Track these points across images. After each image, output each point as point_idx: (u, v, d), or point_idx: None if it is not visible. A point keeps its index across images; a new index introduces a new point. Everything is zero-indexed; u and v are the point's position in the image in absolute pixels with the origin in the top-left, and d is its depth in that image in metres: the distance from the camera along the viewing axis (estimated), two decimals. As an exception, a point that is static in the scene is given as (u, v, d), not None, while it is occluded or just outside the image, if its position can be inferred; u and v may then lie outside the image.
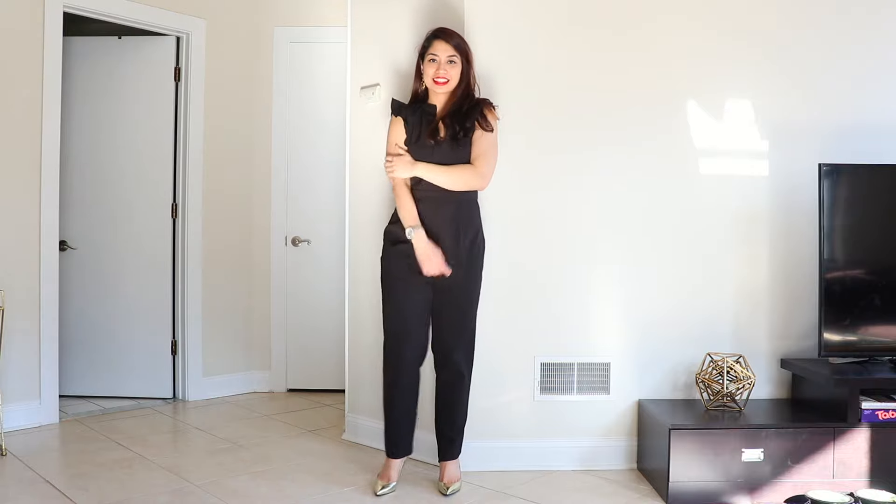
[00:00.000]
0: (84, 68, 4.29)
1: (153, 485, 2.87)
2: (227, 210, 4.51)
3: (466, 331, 2.88)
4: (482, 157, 2.79)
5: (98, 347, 4.32)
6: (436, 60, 2.79)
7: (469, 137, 2.80)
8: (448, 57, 2.79)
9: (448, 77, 2.79)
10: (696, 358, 3.13)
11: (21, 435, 3.53)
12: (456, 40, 2.82)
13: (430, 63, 2.80)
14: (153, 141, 4.33)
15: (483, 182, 2.81)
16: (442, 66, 2.78)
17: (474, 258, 2.86)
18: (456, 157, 2.79)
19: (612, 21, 3.13)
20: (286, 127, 4.60)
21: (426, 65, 2.82)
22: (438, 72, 2.78)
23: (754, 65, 3.17)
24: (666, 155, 3.14)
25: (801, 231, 3.16)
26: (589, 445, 3.13)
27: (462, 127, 2.79)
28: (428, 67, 2.81)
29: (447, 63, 2.79)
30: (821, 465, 2.77)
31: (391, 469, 2.88)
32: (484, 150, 2.80)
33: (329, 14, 4.50)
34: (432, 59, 2.80)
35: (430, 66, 2.80)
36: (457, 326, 2.85)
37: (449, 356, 2.87)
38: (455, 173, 2.77)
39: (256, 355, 4.62)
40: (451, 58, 2.80)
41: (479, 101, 2.85)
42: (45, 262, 3.77)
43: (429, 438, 3.13)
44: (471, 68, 2.86)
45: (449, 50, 2.79)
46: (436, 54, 2.79)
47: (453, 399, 2.88)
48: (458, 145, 2.79)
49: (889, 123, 3.19)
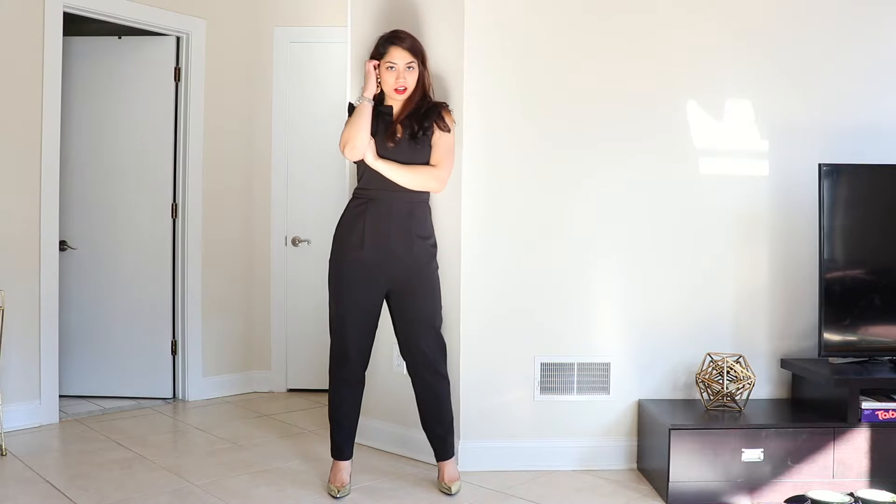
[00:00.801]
0: (84, 68, 4.29)
1: (153, 485, 2.87)
2: (227, 210, 4.51)
3: (432, 328, 2.86)
4: (443, 161, 2.82)
5: (98, 347, 4.32)
6: (394, 68, 2.78)
7: (427, 137, 2.81)
8: (406, 63, 2.79)
9: (406, 85, 2.80)
10: (696, 358, 3.13)
11: (21, 435, 3.53)
12: (410, 43, 2.81)
13: (388, 71, 2.78)
14: (153, 141, 4.33)
15: (441, 186, 2.83)
16: (401, 75, 2.78)
17: (430, 257, 2.87)
18: (414, 158, 2.80)
19: (613, 21, 3.13)
20: (286, 127, 4.60)
21: (384, 72, 2.79)
22: (398, 81, 2.78)
23: (754, 65, 3.17)
24: (666, 155, 3.14)
25: (801, 231, 3.16)
26: (589, 445, 3.13)
27: (420, 126, 2.80)
28: (387, 75, 2.78)
29: (405, 70, 2.79)
30: (821, 465, 2.77)
31: (342, 471, 2.87)
32: (443, 154, 2.82)
33: (329, 14, 4.50)
34: (390, 67, 2.78)
35: (389, 73, 2.78)
36: (423, 326, 2.83)
37: (418, 355, 2.84)
38: (415, 173, 2.78)
39: (256, 355, 4.62)
40: (410, 64, 2.79)
41: (437, 103, 2.87)
42: (45, 262, 3.77)
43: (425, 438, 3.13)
44: (426, 70, 2.86)
45: (407, 57, 2.79)
46: (393, 62, 2.78)
47: (435, 397, 2.87)
48: (416, 145, 2.80)
49: (889, 123, 3.19)
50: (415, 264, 2.81)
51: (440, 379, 2.87)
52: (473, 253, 3.09)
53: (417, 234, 2.81)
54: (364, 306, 2.80)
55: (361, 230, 2.78)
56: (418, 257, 2.81)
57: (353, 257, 2.79)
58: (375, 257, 2.78)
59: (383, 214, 2.78)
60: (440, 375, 2.87)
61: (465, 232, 3.09)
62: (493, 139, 3.11)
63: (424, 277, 2.84)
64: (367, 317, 2.82)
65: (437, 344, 2.87)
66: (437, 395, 2.87)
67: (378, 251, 2.77)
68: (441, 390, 2.87)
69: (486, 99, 3.09)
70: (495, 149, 3.10)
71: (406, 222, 2.79)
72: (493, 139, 3.11)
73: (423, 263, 2.83)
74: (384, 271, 2.79)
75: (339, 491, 2.79)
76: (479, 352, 3.09)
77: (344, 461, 2.88)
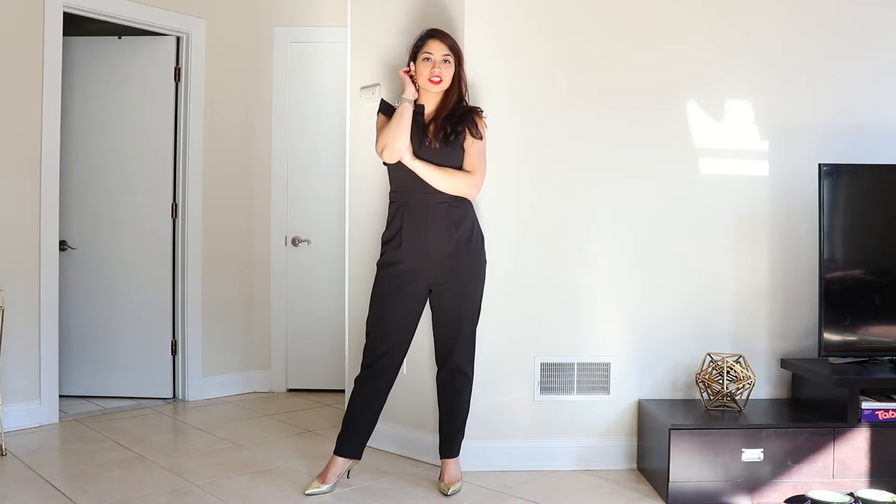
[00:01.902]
0: (84, 68, 4.29)
1: (153, 485, 2.87)
2: (227, 210, 4.51)
3: (468, 332, 2.87)
4: (477, 167, 2.81)
5: (98, 347, 4.32)
6: (430, 59, 2.78)
7: (459, 141, 2.80)
8: (443, 56, 2.78)
9: (442, 77, 2.78)
10: (696, 358, 3.13)
11: (21, 435, 3.53)
12: (450, 41, 2.82)
13: (423, 62, 2.78)
14: (153, 141, 4.33)
15: (475, 192, 2.83)
16: (437, 65, 2.77)
17: (473, 255, 2.84)
18: (445, 160, 2.78)
19: (613, 21, 3.13)
20: (286, 127, 4.60)
21: (420, 64, 2.79)
22: (433, 70, 2.77)
23: (755, 65, 3.17)
24: (666, 155, 3.14)
25: (801, 231, 3.16)
26: (589, 445, 3.13)
27: (454, 130, 2.78)
28: (422, 66, 2.78)
29: (442, 62, 2.78)
30: (821, 465, 2.77)
31: (334, 468, 2.82)
32: (477, 160, 2.82)
33: (329, 14, 4.51)
34: (427, 58, 2.78)
35: (425, 65, 2.78)
36: (460, 330, 2.85)
37: (450, 358, 2.87)
38: (452, 177, 2.76)
39: (256, 355, 4.62)
40: (446, 57, 2.79)
41: (471, 108, 2.85)
42: (45, 262, 3.77)
43: (428, 438, 3.14)
44: (462, 70, 2.86)
45: (444, 49, 2.79)
46: (431, 53, 2.78)
47: (456, 396, 2.89)
48: (447, 148, 2.78)
49: (889, 123, 3.19)
50: (456, 264, 2.80)
51: (465, 380, 2.89)
52: (473, 253, 3.09)
53: (456, 234, 2.79)
54: (404, 303, 2.80)
55: (399, 232, 2.79)
56: (458, 256, 2.79)
57: (392, 258, 2.80)
58: (413, 258, 2.77)
59: (420, 216, 2.77)
60: (465, 376, 2.89)
61: (465, 232, 3.08)
62: (493, 140, 3.10)
63: (464, 277, 2.82)
64: (406, 314, 2.81)
65: (469, 344, 2.89)
66: (459, 393, 2.89)
67: (416, 252, 2.77)
68: (464, 390, 2.90)
69: (484, 97, 3.09)
70: (495, 150, 3.10)
71: (444, 223, 2.77)
72: (493, 140, 3.10)
73: (464, 262, 2.81)
74: (424, 271, 2.78)
75: (316, 489, 2.80)
76: (480, 352, 3.08)
77: (341, 458, 2.86)
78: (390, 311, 2.79)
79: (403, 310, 2.80)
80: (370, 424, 2.85)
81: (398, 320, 2.79)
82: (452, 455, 2.90)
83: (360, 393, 2.82)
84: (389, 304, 2.79)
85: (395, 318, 2.79)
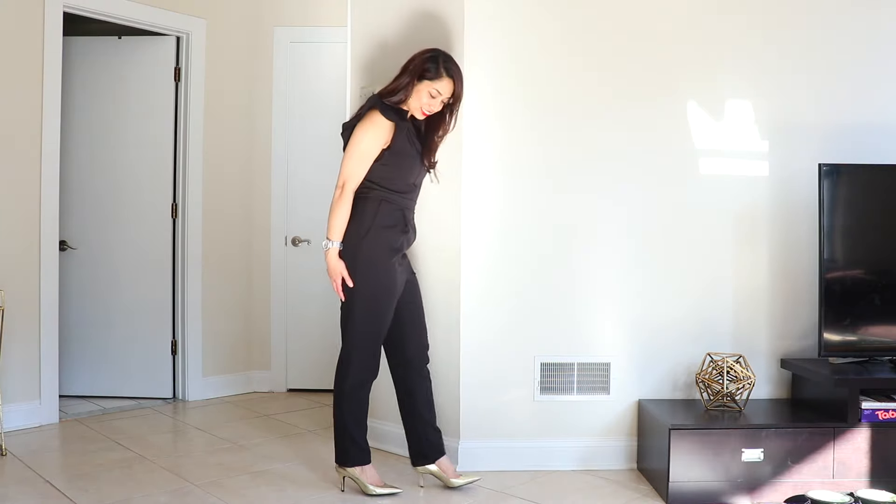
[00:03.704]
0: (84, 68, 4.29)
1: (153, 485, 2.87)
2: (227, 210, 4.51)
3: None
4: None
5: (98, 347, 4.32)
6: (437, 98, 2.74)
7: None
8: (447, 99, 2.77)
9: (431, 113, 2.79)
10: (696, 358, 3.13)
11: (21, 435, 3.53)
12: (461, 87, 2.78)
13: (429, 97, 2.73)
14: (153, 141, 4.33)
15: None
16: (436, 104, 2.75)
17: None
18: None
19: (613, 21, 3.13)
20: (286, 127, 4.60)
21: (423, 92, 2.72)
22: (432, 108, 2.76)
23: (755, 65, 3.16)
24: (666, 155, 3.14)
25: (801, 231, 3.16)
26: (589, 445, 3.13)
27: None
28: (425, 97, 2.73)
29: (441, 102, 2.76)
30: (821, 465, 2.77)
31: (376, 471, 2.85)
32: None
33: (329, 14, 4.51)
34: (433, 96, 2.73)
35: (429, 99, 2.73)
36: (424, 324, 2.93)
37: (426, 353, 2.93)
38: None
39: (256, 355, 4.62)
40: (448, 100, 2.77)
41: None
42: (45, 262, 3.77)
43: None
44: (458, 108, 2.85)
45: (451, 92, 2.76)
46: (441, 93, 2.74)
47: (430, 391, 2.93)
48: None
49: (889, 123, 3.19)
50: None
51: (428, 373, 2.94)
52: (473, 254, 3.09)
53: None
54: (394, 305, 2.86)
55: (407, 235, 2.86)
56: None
57: (394, 262, 2.81)
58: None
59: (411, 223, 2.86)
60: (428, 370, 2.95)
61: (465, 233, 3.08)
62: (493, 140, 3.11)
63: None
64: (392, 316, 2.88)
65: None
66: (430, 388, 2.93)
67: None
68: (430, 384, 2.95)
69: (485, 100, 3.09)
70: (495, 150, 3.10)
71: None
72: (493, 140, 3.11)
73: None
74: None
75: (390, 487, 2.81)
76: (480, 352, 3.09)
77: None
78: (390, 311, 2.85)
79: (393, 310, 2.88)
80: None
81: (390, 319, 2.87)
82: (445, 451, 2.93)
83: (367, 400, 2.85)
84: (390, 305, 2.83)
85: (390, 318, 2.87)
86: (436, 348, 3.05)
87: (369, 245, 2.71)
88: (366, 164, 2.71)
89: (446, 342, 3.10)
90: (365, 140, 2.70)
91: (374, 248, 2.71)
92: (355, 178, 2.71)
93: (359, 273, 2.70)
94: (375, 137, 2.70)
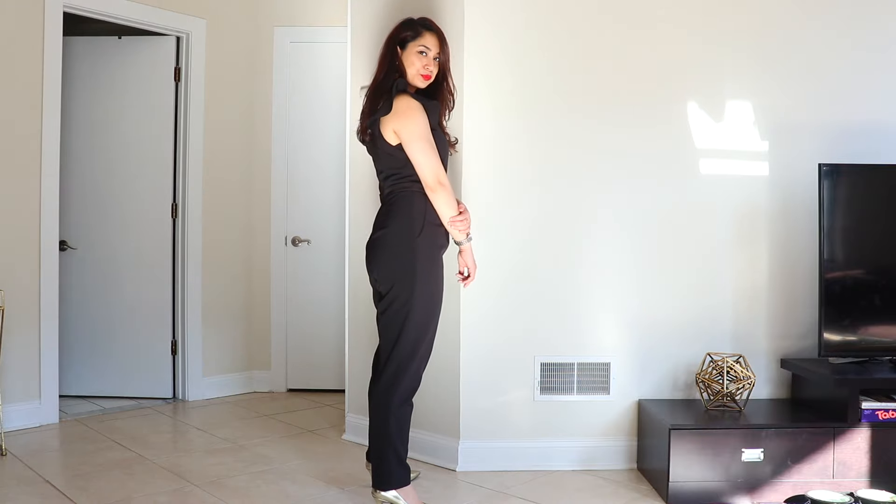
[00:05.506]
0: (84, 68, 4.29)
1: (153, 485, 2.87)
2: (227, 210, 4.51)
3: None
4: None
5: (98, 347, 4.32)
6: (426, 54, 2.61)
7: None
8: (436, 54, 2.65)
9: (432, 75, 2.64)
10: (696, 358, 3.13)
11: (21, 435, 3.53)
12: (443, 37, 2.67)
13: (418, 55, 2.60)
14: (153, 141, 4.33)
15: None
16: (430, 62, 2.63)
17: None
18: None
19: (613, 21, 3.13)
20: (286, 127, 4.60)
21: (413, 55, 2.60)
22: (427, 68, 2.61)
23: (755, 65, 3.16)
24: (666, 155, 3.14)
25: (801, 231, 3.16)
26: (589, 445, 3.13)
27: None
28: (415, 58, 2.60)
29: (433, 59, 2.65)
30: (821, 465, 2.77)
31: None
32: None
33: (329, 14, 4.51)
34: (422, 52, 2.60)
35: (419, 58, 2.60)
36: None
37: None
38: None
39: (256, 355, 4.62)
40: (438, 55, 2.66)
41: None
42: (45, 262, 3.77)
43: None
44: (448, 65, 2.72)
45: (438, 46, 2.64)
46: (427, 48, 2.61)
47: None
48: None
49: (889, 123, 3.19)
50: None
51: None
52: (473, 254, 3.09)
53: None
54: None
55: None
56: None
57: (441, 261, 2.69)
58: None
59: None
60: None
61: (465, 232, 3.08)
62: (492, 139, 3.11)
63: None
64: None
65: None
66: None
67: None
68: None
69: (485, 98, 3.09)
70: (494, 149, 3.10)
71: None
72: (492, 139, 3.11)
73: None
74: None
75: None
76: (479, 352, 3.09)
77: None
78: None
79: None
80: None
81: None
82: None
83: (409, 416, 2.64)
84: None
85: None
86: (436, 348, 3.02)
87: (424, 244, 2.56)
88: (436, 149, 2.56)
89: (446, 342, 3.10)
90: (420, 124, 2.54)
91: (430, 248, 2.58)
92: (441, 167, 2.55)
93: (418, 276, 2.53)
94: (424, 118, 2.56)
